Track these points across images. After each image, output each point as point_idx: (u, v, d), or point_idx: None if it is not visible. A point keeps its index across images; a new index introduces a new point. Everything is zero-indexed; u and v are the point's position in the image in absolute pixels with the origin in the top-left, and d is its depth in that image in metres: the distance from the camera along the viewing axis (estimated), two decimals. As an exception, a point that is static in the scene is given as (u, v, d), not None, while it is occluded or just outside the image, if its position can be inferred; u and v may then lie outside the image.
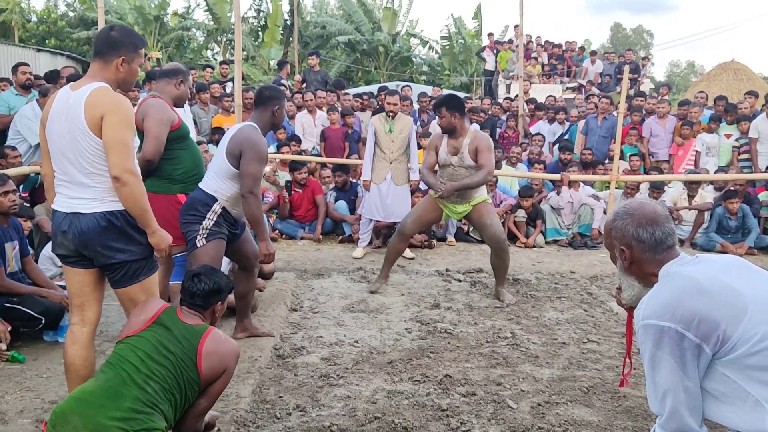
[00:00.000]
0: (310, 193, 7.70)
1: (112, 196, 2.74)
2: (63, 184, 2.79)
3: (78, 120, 2.66)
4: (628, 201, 2.25)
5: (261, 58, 23.01)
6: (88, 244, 2.75)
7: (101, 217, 2.73)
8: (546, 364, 3.96)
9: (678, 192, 8.22)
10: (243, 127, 3.87)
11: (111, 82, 2.79)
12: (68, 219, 2.75)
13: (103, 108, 2.65)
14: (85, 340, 2.89)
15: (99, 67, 2.79)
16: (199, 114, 8.69)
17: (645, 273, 2.06)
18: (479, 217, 5.35)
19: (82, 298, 2.88)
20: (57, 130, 2.74)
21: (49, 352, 3.94)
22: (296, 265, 6.30)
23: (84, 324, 2.89)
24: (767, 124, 8.59)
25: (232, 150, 3.76)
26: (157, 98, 4.02)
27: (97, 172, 2.72)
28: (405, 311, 4.97)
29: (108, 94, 2.70)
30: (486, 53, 17.62)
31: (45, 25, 22.30)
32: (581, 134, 9.75)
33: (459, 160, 5.27)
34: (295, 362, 3.88)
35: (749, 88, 13.28)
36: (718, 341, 1.79)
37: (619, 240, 2.07)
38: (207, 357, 2.55)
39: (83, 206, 2.74)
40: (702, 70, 46.78)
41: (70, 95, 2.73)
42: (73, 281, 2.88)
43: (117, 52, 2.78)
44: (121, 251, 2.78)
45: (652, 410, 1.91)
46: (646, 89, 13.87)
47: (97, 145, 2.68)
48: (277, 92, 4.07)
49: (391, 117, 6.64)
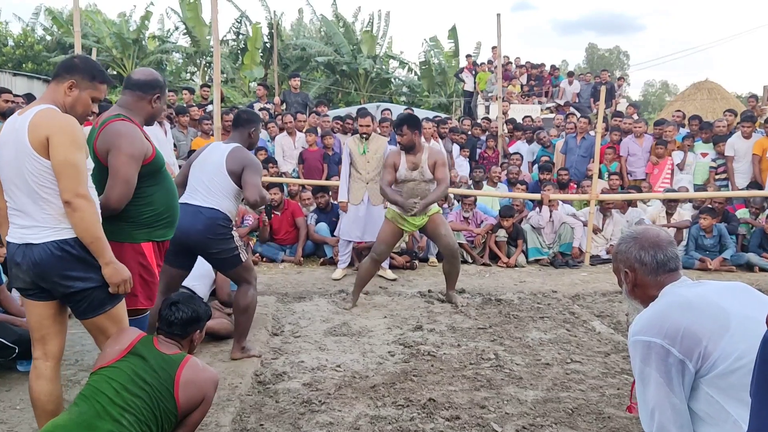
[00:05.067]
0: (290, 215, 7.65)
1: (63, 223, 2.61)
2: (14, 214, 2.67)
3: (22, 143, 2.54)
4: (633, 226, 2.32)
5: (241, 81, 23.04)
6: (44, 276, 2.61)
7: (54, 247, 2.59)
8: (530, 386, 3.93)
9: (657, 210, 8.30)
10: (235, 148, 4.15)
11: (59, 105, 2.68)
12: (21, 250, 2.62)
13: (48, 128, 2.53)
14: (50, 374, 2.75)
15: (51, 89, 2.72)
16: (179, 137, 8.65)
17: (648, 295, 2.10)
18: (435, 227, 5.67)
19: (42, 331, 2.74)
20: (5, 157, 2.62)
21: (23, 383, 3.81)
22: (277, 289, 6.24)
23: (47, 358, 2.76)
24: (742, 142, 8.73)
25: (233, 169, 4.04)
26: (125, 121, 3.06)
27: (46, 197, 2.59)
28: (388, 334, 4.92)
29: (52, 114, 2.59)
30: (464, 74, 17.79)
31: (22, 49, 22.17)
32: (560, 153, 9.84)
33: (420, 175, 5.58)
34: (277, 388, 3.81)
35: (723, 107, 13.53)
36: (699, 357, 1.81)
37: (623, 263, 2.14)
38: (184, 387, 2.49)
39: (34, 236, 2.60)
40: (676, 89, 47.70)
41: (16, 120, 2.63)
42: (32, 314, 2.74)
43: (70, 75, 2.70)
44: (80, 279, 2.63)
45: (643, 428, 1.92)
46: (623, 108, 14.04)
47: (43, 167, 2.55)
48: (253, 115, 4.43)
49: (365, 138, 6.70)
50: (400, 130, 5.54)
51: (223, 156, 4.08)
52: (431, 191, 5.58)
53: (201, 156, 4.23)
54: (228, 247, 4.04)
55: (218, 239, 4.01)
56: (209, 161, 4.12)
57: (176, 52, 24.10)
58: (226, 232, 4.03)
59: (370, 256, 5.75)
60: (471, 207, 7.83)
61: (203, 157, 4.20)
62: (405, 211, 5.53)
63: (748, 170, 8.71)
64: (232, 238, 4.07)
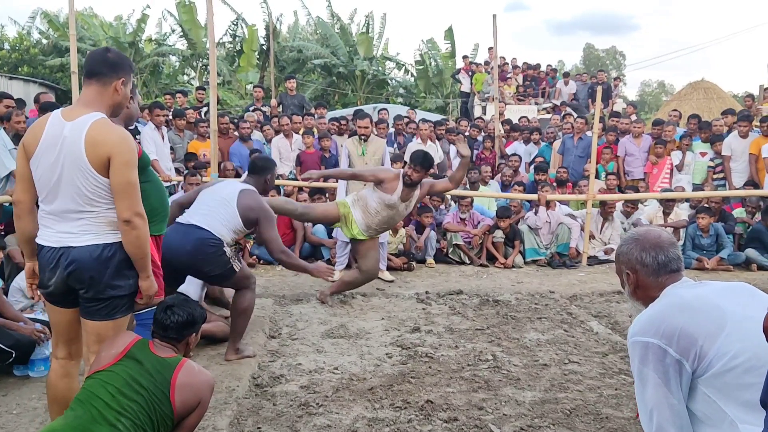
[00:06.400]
0: (287, 217, 7.63)
1: (104, 230, 2.63)
2: (49, 218, 2.65)
3: (78, 157, 2.53)
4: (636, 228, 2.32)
5: (237, 83, 23.02)
6: (79, 276, 2.61)
7: (94, 249, 2.60)
8: (528, 387, 3.92)
9: (654, 210, 8.31)
10: (250, 190, 4.29)
11: (106, 108, 2.66)
12: (57, 253, 2.61)
13: (110, 148, 2.53)
14: (75, 372, 2.88)
15: (96, 91, 2.66)
16: (175, 140, 8.64)
17: (649, 297, 2.10)
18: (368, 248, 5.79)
19: (70, 335, 2.81)
20: (48, 161, 2.58)
21: (20, 387, 3.82)
22: (274, 291, 6.23)
23: (71, 357, 2.86)
24: (739, 142, 8.75)
25: (246, 214, 4.18)
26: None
27: (95, 209, 2.61)
28: (385, 335, 4.91)
29: (109, 129, 2.57)
30: (461, 75, 17.80)
31: (18, 53, 22.09)
32: (557, 154, 9.85)
33: (404, 208, 5.71)
34: (274, 391, 3.80)
35: (720, 107, 13.53)
36: (696, 357, 1.82)
37: (625, 264, 2.15)
38: (180, 390, 2.48)
39: (74, 239, 2.60)
40: (672, 89, 47.69)
41: (64, 125, 2.57)
42: (60, 320, 2.79)
43: (116, 74, 2.67)
44: (110, 287, 2.64)
45: (643, 428, 1.93)
46: (619, 109, 14.06)
47: (99, 183, 2.57)
48: (269, 162, 4.65)
49: (364, 140, 6.71)
50: (417, 167, 5.51)
51: (235, 192, 4.22)
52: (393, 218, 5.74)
53: (213, 187, 4.38)
54: (219, 263, 4.08)
55: (208, 259, 4.05)
56: (220, 193, 4.26)
57: (173, 55, 24.06)
58: (216, 251, 4.06)
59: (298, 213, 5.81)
60: (468, 208, 7.82)
61: (215, 188, 4.35)
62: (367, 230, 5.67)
63: (745, 169, 8.71)
64: (224, 254, 4.09)
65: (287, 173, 8.94)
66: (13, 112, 6.54)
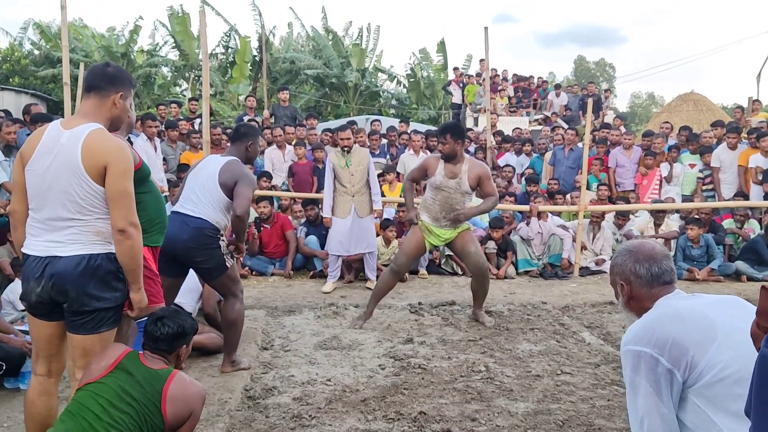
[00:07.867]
0: (280, 228, 7.64)
1: (92, 240, 2.60)
2: (37, 226, 2.62)
3: (74, 165, 2.52)
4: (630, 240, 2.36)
5: (230, 94, 23.02)
6: (63, 288, 2.57)
7: (81, 260, 2.56)
8: (521, 398, 3.92)
9: (645, 221, 8.35)
10: (230, 161, 4.15)
11: (104, 120, 2.67)
12: (43, 263, 2.58)
13: (106, 156, 2.53)
14: (54, 390, 2.81)
15: (94, 104, 2.67)
16: (167, 151, 8.63)
17: (642, 308, 2.12)
18: (464, 244, 5.49)
19: (51, 350, 2.75)
20: (41, 167, 2.58)
21: (10, 400, 3.79)
22: (266, 302, 6.21)
23: (51, 375, 2.79)
24: (728, 153, 8.82)
25: (225, 182, 4.05)
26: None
27: (86, 217, 2.58)
28: (378, 347, 4.91)
29: (106, 138, 2.58)
30: (452, 87, 17.89)
31: (9, 64, 22.02)
32: (549, 165, 9.90)
33: (456, 185, 5.34)
34: (267, 403, 3.79)
35: (709, 118, 13.62)
36: (687, 367, 1.84)
37: (619, 275, 2.18)
38: (171, 402, 2.47)
39: (61, 249, 2.57)
40: (662, 101, 48.02)
41: (62, 133, 2.58)
42: (41, 334, 2.73)
43: (114, 88, 2.69)
44: (96, 299, 2.60)
45: None
46: (610, 120, 14.16)
47: (92, 191, 2.56)
48: (252, 129, 4.44)
49: (347, 151, 6.68)
50: (444, 138, 5.31)
51: (217, 168, 4.12)
52: (466, 204, 5.41)
53: (197, 167, 4.30)
54: (213, 255, 4.07)
55: (203, 249, 4.03)
56: (204, 172, 4.18)
57: (165, 66, 24.04)
58: (212, 242, 4.04)
59: (390, 268, 5.60)
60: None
61: (199, 168, 4.27)
62: (437, 222, 5.38)
63: (734, 181, 8.79)
64: (219, 248, 4.08)
65: (280, 184, 8.94)
66: (2, 123, 6.50)
